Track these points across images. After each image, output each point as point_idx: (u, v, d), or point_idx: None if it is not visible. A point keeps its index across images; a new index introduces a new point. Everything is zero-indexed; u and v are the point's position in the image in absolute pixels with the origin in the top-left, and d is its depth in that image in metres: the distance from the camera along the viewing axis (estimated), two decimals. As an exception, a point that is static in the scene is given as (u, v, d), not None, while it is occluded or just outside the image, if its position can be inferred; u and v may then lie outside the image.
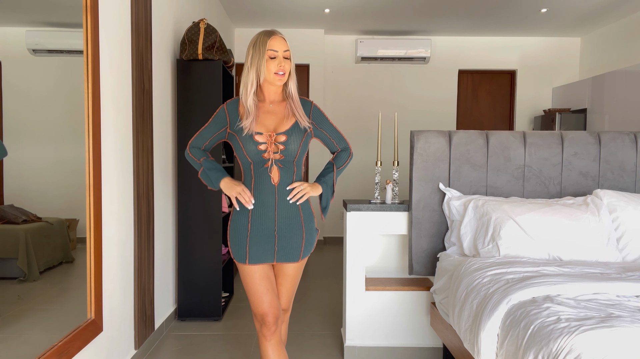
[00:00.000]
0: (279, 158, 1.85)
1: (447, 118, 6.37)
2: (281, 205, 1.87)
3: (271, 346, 1.91)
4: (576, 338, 1.44)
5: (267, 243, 1.88)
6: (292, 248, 1.91)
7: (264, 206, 1.87)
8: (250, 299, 1.91)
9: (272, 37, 1.83)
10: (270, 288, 1.90)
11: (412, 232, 2.81)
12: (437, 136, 2.79)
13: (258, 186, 1.86)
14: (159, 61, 3.11)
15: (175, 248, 3.49)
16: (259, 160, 1.85)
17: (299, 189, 1.88)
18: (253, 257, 1.88)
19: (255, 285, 1.89)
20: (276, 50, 1.82)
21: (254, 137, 1.83)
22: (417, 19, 5.59)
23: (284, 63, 1.83)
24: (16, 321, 1.74)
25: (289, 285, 2.00)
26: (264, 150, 1.83)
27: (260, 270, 1.90)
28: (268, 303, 1.88)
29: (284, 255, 1.91)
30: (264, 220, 1.87)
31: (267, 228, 1.87)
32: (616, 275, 2.00)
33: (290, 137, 1.86)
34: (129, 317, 2.62)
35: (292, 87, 1.90)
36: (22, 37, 1.77)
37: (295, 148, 1.86)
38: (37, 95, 1.88)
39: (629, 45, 5.29)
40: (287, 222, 1.88)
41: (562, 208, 2.47)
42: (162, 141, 3.18)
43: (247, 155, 1.85)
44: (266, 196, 1.86)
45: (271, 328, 1.88)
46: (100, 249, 2.21)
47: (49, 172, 1.94)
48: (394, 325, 2.85)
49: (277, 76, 1.84)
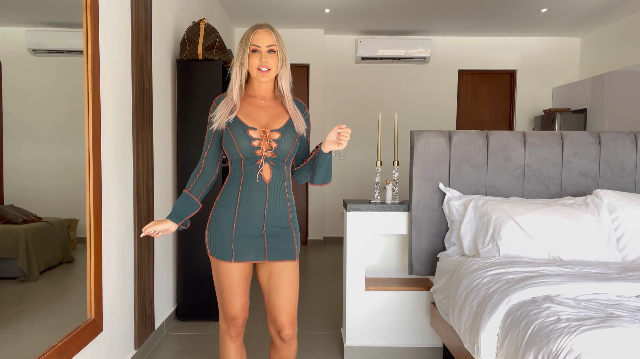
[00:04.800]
0: (271, 156, 1.79)
1: (447, 118, 6.37)
2: (271, 203, 1.81)
3: (235, 347, 1.90)
4: (576, 338, 1.44)
5: (254, 241, 1.80)
6: (286, 246, 1.84)
7: (252, 203, 1.80)
8: (222, 299, 1.85)
9: (256, 30, 1.77)
10: (246, 290, 1.85)
11: (412, 232, 2.81)
12: (437, 136, 2.79)
13: (247, 182, 1.80)
14: (159, 61, 3.11)
15: (175, 248, 3.49)
16: (251, 156, 1.79)
17: (348, 131, 1.74)
18: (239, 255, 1.80)
19: (234, 286, 1.82)
20: (258, 45, 1.76)
21: (247, 132, 1.78)
22: (417, 19, 5.59)
23: (266, 58, 1.76)
24: (16, 321, 1.74)
25: (291, 291, 1.85)
26: (257, 146, 1.78)
27: (240, 271, 1.83)
28: (241, 306, 1.84)
29: (277, 253, 1.82)
30: (252, 218, 1.80)
31: (255, 226, 1.80)
32: (616, 275, 2.00)
33: (284, 136, 1.80)
34: (129, 317, 2.62)
35: (283, 84, 1.83)
36: (22, 37, 1.76)
37: (287, 148, 1.81)
38: (37, 95, 1.88)
39: (629, 45, 5.29)
40: (276, 221, 1.82)
41: (562, 208, 2.47)
42: (162, 141, 3.18)
43: (239, 151, 1.78)
44: (255, 193, 1.80)
45: (238, 330, 1.87)
46: (100, 249, 2.21)
47: (49, 172, 1.94)
48: (394, 325, 2.85)
49: (260, 72, 1.77)
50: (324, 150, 1.80)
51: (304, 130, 1.85)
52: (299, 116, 1.84)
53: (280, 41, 1.80)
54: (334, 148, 1.77)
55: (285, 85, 1.83)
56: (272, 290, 1.86)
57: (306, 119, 1.90)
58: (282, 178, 1.84)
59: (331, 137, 1.76)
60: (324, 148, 1.80)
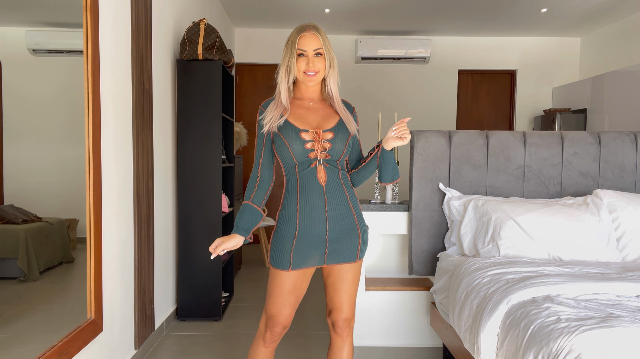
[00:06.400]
0: (325, 158, 1.75)
1: (447, 118, 6.37)
2: (331, 206, 1.76)
3: (265, 353, 1.88)
4: (576, 338, 1.44)
5: (315, 248, 1.76)
6: (348, 248, 1.79)
7: (312, 209, 1.75)
8: (268, 304, 1.83)
9: (302, 34, 1.73)
10: (293, 304, 1.83)
11: (412, 232, 2.81)
12: (437, 136, 2.79)
13: (304, 188, 1.75)
14: (159, 61, 3.11)
15: (175, 248, 3.49)
16: (305, 160, 1.75)
17: (405, 125, 1.70)
18: (297, 263, 1.76)
19: (282, 296, 1.80)
20: (305, 49, 1.72)
21: (300, 135, 1.73)
22: (417, 19, 5.58)
23: (314, 62, 1.73)
24: (16, 321, 1.74)
25: (350, 289, 1.84)
26: (311, 149, 1.74)
27: (293, 284, 1.79)
28: (284, 317, 1.82)
29: (337, 257, 1.79)
30: (314, 224, 1.75)
31: (317, 233, 1.75)
32: (616, 275, 2.00)
33: (337, 135, 1.76)
34: (129, 317, 2.62)
35: (331, 86, 1.79)
36: (22, 37, 1.76)
37: (341, 148, 1.76)
38: (37, 95, 1.88)
39: (628, 45, 5.29)
40: (340, 224, 1.78)
41: (562, 208, 2.47)
42: (162, 141, 3.18)
43: (292, 156, 1.74)
44: (315, 198, 1.75)
45: (275, 336, 1.85)
46: (100, 249, 2.21)
47: (49, 172, 1.94)
48: (394, 325, 2.85)
49: (307, 76, 1.74)
50: (387, 147, 1.76)
51: (355, 130, 1.82)
52: (349, 117, 1.81)
53: (327, 42, 1.76)
54: (398, 143, 1.73)
55: (334, 87, 1.80)
56: (330, 288, 1.87)
57: (355, 120, 1.86)
58: (338, 177, 1.79)
59: (392, 134, 1.73)
60: (386, 146, 1.75)
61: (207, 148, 3.37)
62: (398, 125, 1.71)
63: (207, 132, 3.36)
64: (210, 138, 3.37)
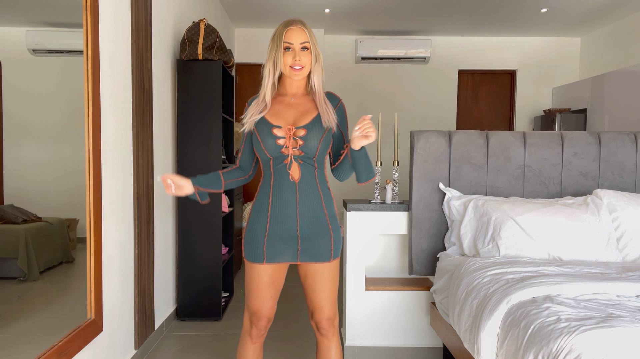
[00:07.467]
0: (298, 154, 1.75)
1: (447, 118, 6.37)
2: (303, 204, 1.77)
3: (254, 348, 1.89)
4: (576, 338, 1.44)
5: (287, 243, 1.78)
6: (321, 248, 1.79)
7: (284, 205, 1.76)
8: (249, 300, 1.85)
9: (288, 27, 1.73)
10: (273, 295, 1.84)
11: (412, 232, 2.81)
12: (437, 136, 2.79)
13: (277, 184, 1.77)
14: (159, 61, 3.11)
15: (175, 248, 3.49)
16: (278, 156, 1.76)
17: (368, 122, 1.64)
18: (271, 257, 1.78)
19: (261, 289, 1.81)
20: (291, 42, 1.73)
21: (272, 131, 1.74)
22: (417, 19, 5.59)
23: (300, 55, 1.73)
24: (16, 321, 1.74)
25: (328, 289, 1.84)
26: (283, 144, 1.74)
27: (270, 276, 1.81)
28: (266, 310, 1.84)
29: (311, 255, 1.79)
30: (285, 220, 1.76)
31: (288, 229, 1.77)
32: (616, 275, 2.00)
33: (309, 132, 1.75)
34: (129, 317, 2.62)
35: (315, 80, 1.79)
36: (22, 37, 1.77)
37: (315, 145, 1.75)
38: (37, 95, 1.88)
39: (628, 45, 5.29)
40: (311, 222, 1.78)
41: (562, 208, 2.47)
42: (162, 141, 3.18)
43: (265, 151, 1.76)
44: (286, 194, 1.76)
45: (261, 331, 1.87)
46: (100, 249, 2.21)
47: (49, 172, 1.94)
48: (394, 325, 2.85)
49: (294, 70, 1.74)
50: (354, 147, 1.71)
51: (334, 124, 1.79)
52: (329, 110, 1.78)
53: (313, 37, 1.77)
54: (364, 142, 1.68)
55: (317, 81, 1.80)
56: (309, 289, 1.86)
57: (341, 112, 1.85)
58: (314, 175, 1.80)
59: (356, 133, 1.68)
60: (354, 146, 1.71)
61: (207, 148, 3.37)
62: (361, 123, 1.65)
63: (207, 132, 3.36)
64: (210, 138, 3.37)
